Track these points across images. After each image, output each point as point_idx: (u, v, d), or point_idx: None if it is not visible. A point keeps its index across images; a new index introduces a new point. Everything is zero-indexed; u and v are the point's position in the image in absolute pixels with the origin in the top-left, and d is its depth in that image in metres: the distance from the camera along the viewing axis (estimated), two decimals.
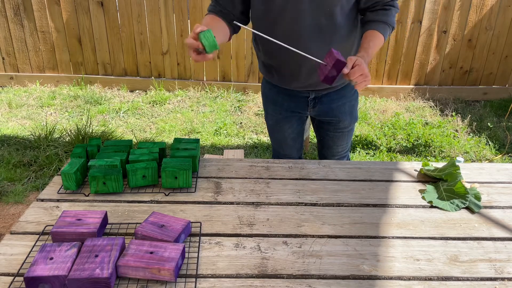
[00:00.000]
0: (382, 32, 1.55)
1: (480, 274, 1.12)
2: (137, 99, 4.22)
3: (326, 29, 1.55)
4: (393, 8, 1.59)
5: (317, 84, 1.70)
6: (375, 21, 1.57)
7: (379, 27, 1.55)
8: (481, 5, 4.01)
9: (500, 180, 1.56)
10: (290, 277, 1.09)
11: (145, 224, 1.18)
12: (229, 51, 4.27)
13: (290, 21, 1.53)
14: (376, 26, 1.55)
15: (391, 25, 1.59)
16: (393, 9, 1.58)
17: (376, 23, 1.56)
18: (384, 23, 1.56)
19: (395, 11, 1.59)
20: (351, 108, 1.84)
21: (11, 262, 1.12)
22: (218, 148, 3.39)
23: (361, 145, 3.47)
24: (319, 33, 1.55)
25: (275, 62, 1.70)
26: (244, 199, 1.41)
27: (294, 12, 1.51)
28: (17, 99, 4.12)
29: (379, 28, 1.55)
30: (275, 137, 1.97)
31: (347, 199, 1.42)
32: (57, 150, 3.13)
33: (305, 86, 1.72)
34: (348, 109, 1.83)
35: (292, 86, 1.75)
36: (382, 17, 1.56)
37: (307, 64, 1.60)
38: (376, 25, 1.56)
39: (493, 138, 3.58)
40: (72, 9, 4.16)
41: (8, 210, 2.63)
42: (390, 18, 1.57)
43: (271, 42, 1.41)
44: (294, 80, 1.70)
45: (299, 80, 1.69)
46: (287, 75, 1.71)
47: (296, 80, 1.70)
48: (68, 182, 1.39)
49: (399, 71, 4.29)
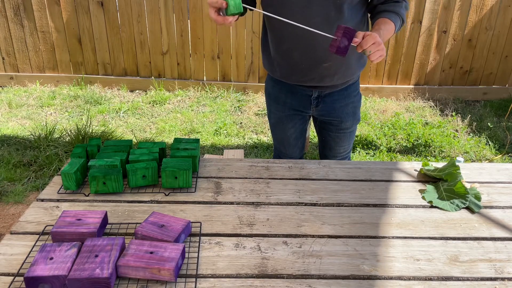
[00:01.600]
0: (393, 20, 1.55)
1: (480, 274, 1.12)
2: (137, 99, 4.22)
3: (334, 22, 1.55)
4: (403, 2, 1.59)
5: (320, 79, 1.69)
6: (386, 11, 1.58)
7: (391, 16, 1.56)
8: (481, 5, 4.01)
9: (500, 180, 1.56)
10: (290, 277, 1.09)
11: (145, 224, 1.18)
12: (229, 51, 4.27)
13: (299, 10, 1.53)
14: (388, 15, 1.56)
15: (402, 17, 1.59)
16: (402, 3, 1.59)
17: (387, 13, 1.57)
18: (396, 14, 1.57)
19: (404, 5, 1.60)
20: (354, 109, 1.84)
21: (11, 262, 1.12)
22: (218, 148, 3.39)
23: (361, 145, 3.47)
24: (327, 25, 1.55)
25: (287, 46, 1.66)
26: (244, 199, 1.41)
27: (303, 1, 1.52)
28: (17, 99, 4.12)
29: (391, 16, 1.56)
30: (277, 135, 1.97)
31: (347, 199, 1.42)
32: (57, 150, 3.13)
33: (308, 80, 1.70)
34: (351, 109, 1.83)
35: (295, 80, 1.73)
36: (394, 8, 1.57)
37: (317, 47, 1.60)
38: (387, 14, 1.56)
39: (493, 138, 3.58)
40: (72, 9, 4.16)
41: (8, 210, 2.63)
42: (401, 10, 1.58)
43: (281, 27, 1.39)
44: (300, 71, 1.69)
45: (304, 71, 1.67)
46: (294, 65, 1.69)
47: (301, 71, 1.68)
48: (68, 182, 1.39)
49: (399, 71, 4.29)
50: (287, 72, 1.72)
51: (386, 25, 1.53)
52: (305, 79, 1.70)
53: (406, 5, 1.62)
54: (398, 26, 1.60)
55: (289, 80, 1.75)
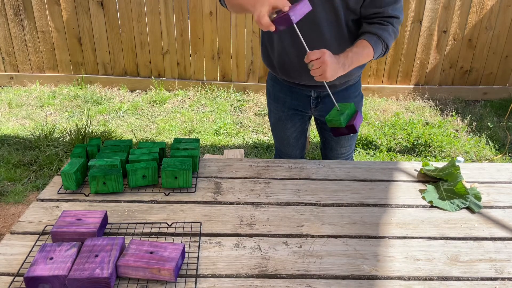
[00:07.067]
0: (373, 45, 1.50)
1: (480, 274, 1.12)
2: (137, 99, 4.22)
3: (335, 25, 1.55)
4: (391, 26, 1.53)
5: None
6: (369, 32, 1.53)
7: (371, 39, 1.51)
8: (481, 5, 4.01)
9: (500, 180, 1.56)
10: (290, 277, 1.09)
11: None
12: (229, 51, 4.27)
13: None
14: (369, 38, 1.51)
15: (385, 41, 1.53)
16: (390, 27, 1.53)
17: (370, 35, 1.52)
18: (378, 38, 1.52)
19: (392, 30, 1.54)
20: None
21: (11, 262, 1.12)
22: (218, 148, 3.39)
23: (361, 145, 3.47)
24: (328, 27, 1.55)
25: (285, 44, 1.65)
26: (244, 199, 1.41)
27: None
28: (17, 99, 4.12)
29: (371, 40, 1.51)
30: (277, 135, 1.97)
31: (347, 199, 1.42)
32: (57, 150, 3.13)
33: (306, 79, 1.69)
34: None
35: (293, 78, 1.72)
36: (377, 30, 1.52)
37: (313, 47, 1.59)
38: (369, 37, 1.52)
39: (493, 138, 3.58)
40: (72, 9, 4.16)
41: (8, 210, 2.63)
42: (384, 34, 1.52)
43: None
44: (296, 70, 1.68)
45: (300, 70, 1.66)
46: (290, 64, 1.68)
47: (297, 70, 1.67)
48: (68, 182, 1.39)
49: (399, 71, 4.29)
50: (285, 71, 1.73)
51: (361, 48, 1.49)
52: (303, 78, 1.70)
53: (395, 31, 1.55)
54: (379, 52, 1.54)
55: (288, 78, 1.75)
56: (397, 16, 1.54)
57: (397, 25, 1.56)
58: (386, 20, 1.53)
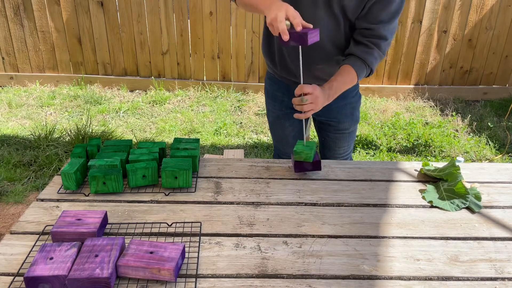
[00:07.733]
0: (356, 70, 1.52)
1: (480, 274, 1.12)
2: (137, 99, 4.22)
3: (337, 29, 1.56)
4: (376, 49, 1.53)
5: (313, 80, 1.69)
6: (354, 55, 1.54)
7: (355, 64, 1.53)
8: (481, 5, 4.01)
9: (500, 180, 1.56)
10: (290, 277, 1.09)
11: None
12: (229, 51, 4.27)
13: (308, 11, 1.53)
14: (353, 62, 1.53)
15: (370, 65, 1.54)
16: (375, 50, 1.53)
17: (354, 59, 1.54)
18: (363, 62, 1.53)
19: (378, 53, 1.54)
20: (352, 110, 1.83)
21: (11, 262, 1.11)
22: (218, 148, 3.39)
23: (361, 145, 3.47)
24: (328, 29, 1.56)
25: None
26: (244, 199, 1.41)
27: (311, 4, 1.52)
28: (17, 99, 4.12)
29: (355, 64, 1.53)
30: (275, 134, 1.97)
31: (347, 199, 1.42)
32: (57, 150, 3.13)
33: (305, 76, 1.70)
34: (348, 110, 1.82)
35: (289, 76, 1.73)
36: (362, 54, 1.53)
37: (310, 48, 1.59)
38: (353, 61, 1.53)
39: (493, 138, 3.58)
40: (72, 9, 4.16)
41: (8, 210, 2.63)
42: (370, 58, 1.53)
43: None
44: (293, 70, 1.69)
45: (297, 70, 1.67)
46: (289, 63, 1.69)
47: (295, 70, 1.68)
48: (68, 182, 1.39)
49: (399, 71, 4.29)
50: (284, 70, 1.73)
51: (345, 76, 1.52)
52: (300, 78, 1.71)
53: (381, 54, 1.55)
54: (363, 76, 1.56)
55: (288, 76, 1.75)
56: (387, 37, 1.54)
57: (385, 47, 1.55)
58: (374, 42, 1.53)
